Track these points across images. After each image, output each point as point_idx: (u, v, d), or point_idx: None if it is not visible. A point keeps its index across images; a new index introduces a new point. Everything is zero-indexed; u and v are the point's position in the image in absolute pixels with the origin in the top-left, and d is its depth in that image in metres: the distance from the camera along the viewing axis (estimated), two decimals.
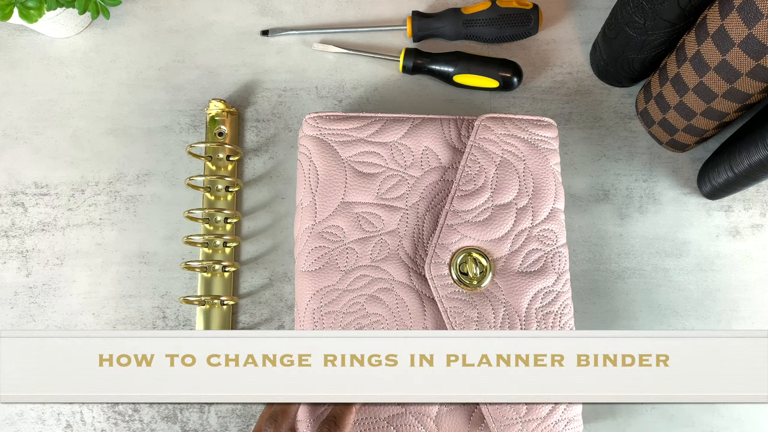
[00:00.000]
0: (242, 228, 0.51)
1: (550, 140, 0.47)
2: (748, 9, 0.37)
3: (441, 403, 0.42)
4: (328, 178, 0.45)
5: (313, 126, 0.46)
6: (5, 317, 0.49)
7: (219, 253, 0.49)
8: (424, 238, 0.45)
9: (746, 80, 0.40)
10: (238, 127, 0.52)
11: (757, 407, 0.48)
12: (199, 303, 0.47)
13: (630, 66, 0.50)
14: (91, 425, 0.47)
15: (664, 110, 0.48)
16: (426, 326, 0.43)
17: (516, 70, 0.52)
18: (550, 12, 0.55)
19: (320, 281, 0.43)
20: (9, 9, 0.45)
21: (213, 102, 0.50)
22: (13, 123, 0.52)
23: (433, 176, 0.46)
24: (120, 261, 0.50)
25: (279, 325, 0.49)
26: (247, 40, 0.54)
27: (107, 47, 0.54)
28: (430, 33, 0.54)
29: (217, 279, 0.49)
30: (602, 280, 0.50)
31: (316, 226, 0.44)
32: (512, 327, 0.43)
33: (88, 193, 0.51)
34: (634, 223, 0.51)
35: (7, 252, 0.50)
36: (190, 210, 0.48)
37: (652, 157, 0.53)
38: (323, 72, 0.54)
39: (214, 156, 0.51)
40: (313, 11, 0.55)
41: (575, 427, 0.43)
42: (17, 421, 0.47)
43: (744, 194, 0.52)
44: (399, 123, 0.47)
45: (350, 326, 0.43)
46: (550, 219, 0.46)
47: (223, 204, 0.50)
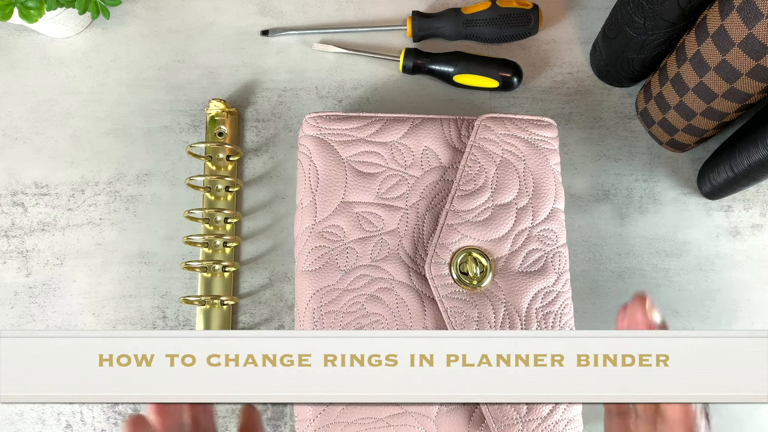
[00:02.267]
0: (242, 228, 0.51)
1: (550, 140, 0.47)
2: (748, 9, 0.37)
3: (441, 403, 0.42)
4: (328, 177, 0.45)
5: (313, 126, 0.46)
6: (5, 317, 0.49)
7: (219, 253, 0.49)
8: (424, 238, 0.45)
9: (746, 80, 0.40)
10: (238, 127, 0.52)
11: (757, 407, 0.48)
12: (199, 303, 0.47)
13: (630, 66, 0.50)
14: (91, 425, 0.47)
15: (664, 110, 0.48)
16: (426, 326, 0.43)
17: (516, 70, 0.52)
18: (550, 12, 0.55)
19: (320, 281, 0.43)
20: (9, 9, 0.45)
21: (213, 102, 0.50)
22: (13, 123, 0.52)
23: (433, 176, 0.46)
24: (120, 261, 0.50)
25: (279, 325, 0.49)
26: (247, 40, 0.54)
27: (107, 47, 0.54)
28: (430, 33, 0.54)
29: (217, 279, 0.49)
30: (602, 280, 0.50)
31: (316, 225, 0.44)
32: (512, 327, 0.43)
33: (88, 193, 0.51)
34: (634, 223, 0.51)
35: (7, 252, 0.50)
36: (190, 210, 0.48)
37: (652, 157, 0.53)
38: (323, 72, 0.54)
39: (214, 156, 0.51)
40: (313, 11, 0.55)
41: (575, 427, 0.43)
42: (17, 421, 0.47)
43: (744, 194, 0.52)
44: (399, 123, 0.47)
45: (350, 326, 0.43)
46: (550, 219, 0.46)
47: (223, 204, 0.50)
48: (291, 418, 0.47)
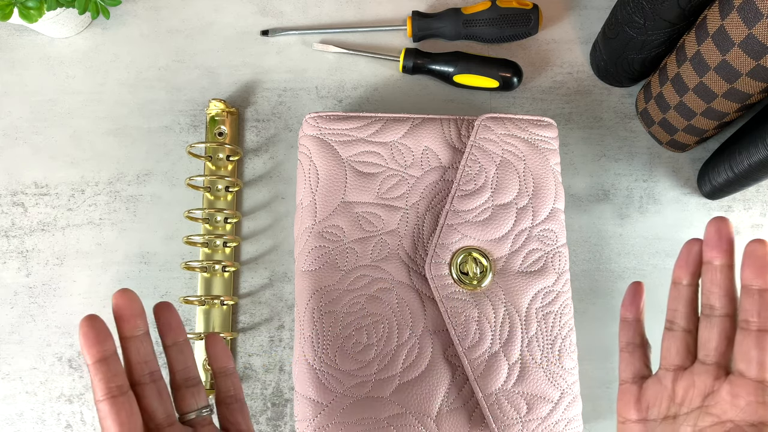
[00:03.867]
0: (242, 228, 0.51)
1: (550, 140, 0.47)
2: (748, 9, 0.37)
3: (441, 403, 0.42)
4: (328, 177, 0.45)
5: (313, 126, 0.46)
6: (5, 317, 0.49)
7: (219, 253, 0.49)
8: (424, 238, 0.45)
9: (746, 80, 0.40)
10: (238, 127, 0.52)
11: None
12: (199, 303, 0.47)
13: (630, 66, 0.50)
14: (91, 425, 0.47)
15: (664, 110, 0.48)
16: (426, 326, 0.43)
17: (516, 70, 0.52)
18: (550, 12, 0.55)
19: (320, 281, 0.43)
20: (9, 9, 0.45)
21: (213, 102, 0.50)
22: (13, 123, 0.52)
23: (433, 176, 0.46)
24: (120, 261, 0.50)
25: (279, 324, 0.49)
26: (247, 40, 0.54)
27: (107, 47, 0.54)
28: (430, 33, 0.54)
29: (217, 279, 0.49)
30: (602, 280, 0.50)
31: (316, 225, 0.44)
32: (512, 327, 0.43)
33: (88, 193, 0.51)
34: (634, 223, 0.51)
35: (7, 252, 0.50)
36: (190, 210, 0.48)
37: (652, 157, 0.53)
38: (323, 72, 0.54)
39: (214, 156, 0.51)
40: (313, 11, 0.55)
41: (575, 427, 0.43)
42: (17, 421, 0.47)
43: (744, 194, 0.52)
44: (399, 123, 0.47)
45: (350, 326, 0.43)
46: (550, 219, 0.46)
47: (223, 204, 0.50)
48: (291, 418, 0.47)
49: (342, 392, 0.41)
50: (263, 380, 0.48)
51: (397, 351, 0.42)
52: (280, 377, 0.48)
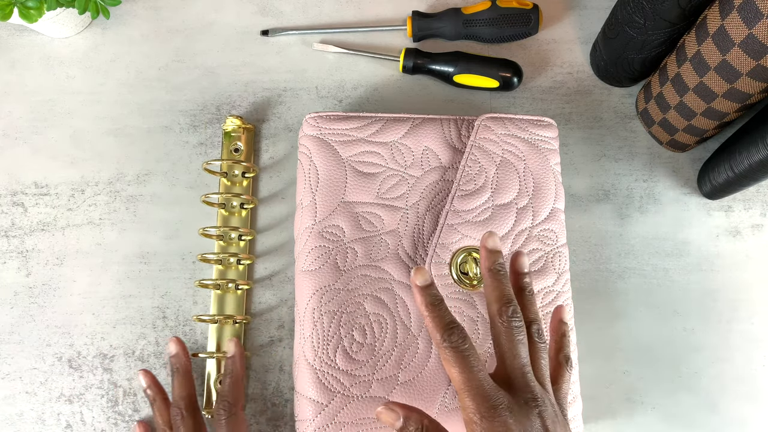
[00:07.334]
0: (256, 245, 0.50)
1: (550, 140, 0.47)
2: (748, 9, 0.37)
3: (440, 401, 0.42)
4: (328, 177, 0.45)
5: (314, 126, 0.46)
6: (5, 317, 0.49)
7: (232, 270, 0.49)
8: (424, 238, 0.45)
9: (746, 80, 0.40)
10: (253, 143, 0.52)
11: (758, 407, 0.48)
12: (211, 321, 0.47)
13: (630, 66, 0.50)
14: (91, 425, 0.47)
15: (665, 110, 0.48)
16: (426, 326, 0.43)
17: (516, 70, 0.52)
18: (550, 12, 0.55)
19: (320, 281, 0.43)
20: (9, 9, 0.45)
21: (229, 118, 0.50)
22: (13, 123, 0.52)
23: (434, 176, 0.46)
24: (120, 261, 0.50)
25: (279, 324, 0.49)
26: (247, 40, 0.54)
27: (107, 47, 0.54)
28: (430, 33, 0.54)
29: (229, 296, 0.48)
30: (602, 280, 0.50)
31: (316, 225, 0.44)
32: None
33: (88, 193, 0.51)
34: (634, 223, 0.51)
35: (7, 252, 0.50)
36: (205, 228, 0.47)
37: (652, 157, 0.53)
38: (323, 72, 0.54)
39: (230, 172, 0.50)
40: (313, 11, 0.55)
41: (575, 427, 0.43)
42: (17, 421, 0.47)
43: (744, 194, 0.52)
44: (399, 123, 0.47)
45: (350, 326, 0.43)
46: (550, 219, 0.46)
47: (237, 221, 0.50)
48: (291, 418, 0.47)
49: (342, 392, 0.41)
50: (263, 380, 0.48)
51: (397, 351, 0.42)
52: (280, 377, 0.48)
